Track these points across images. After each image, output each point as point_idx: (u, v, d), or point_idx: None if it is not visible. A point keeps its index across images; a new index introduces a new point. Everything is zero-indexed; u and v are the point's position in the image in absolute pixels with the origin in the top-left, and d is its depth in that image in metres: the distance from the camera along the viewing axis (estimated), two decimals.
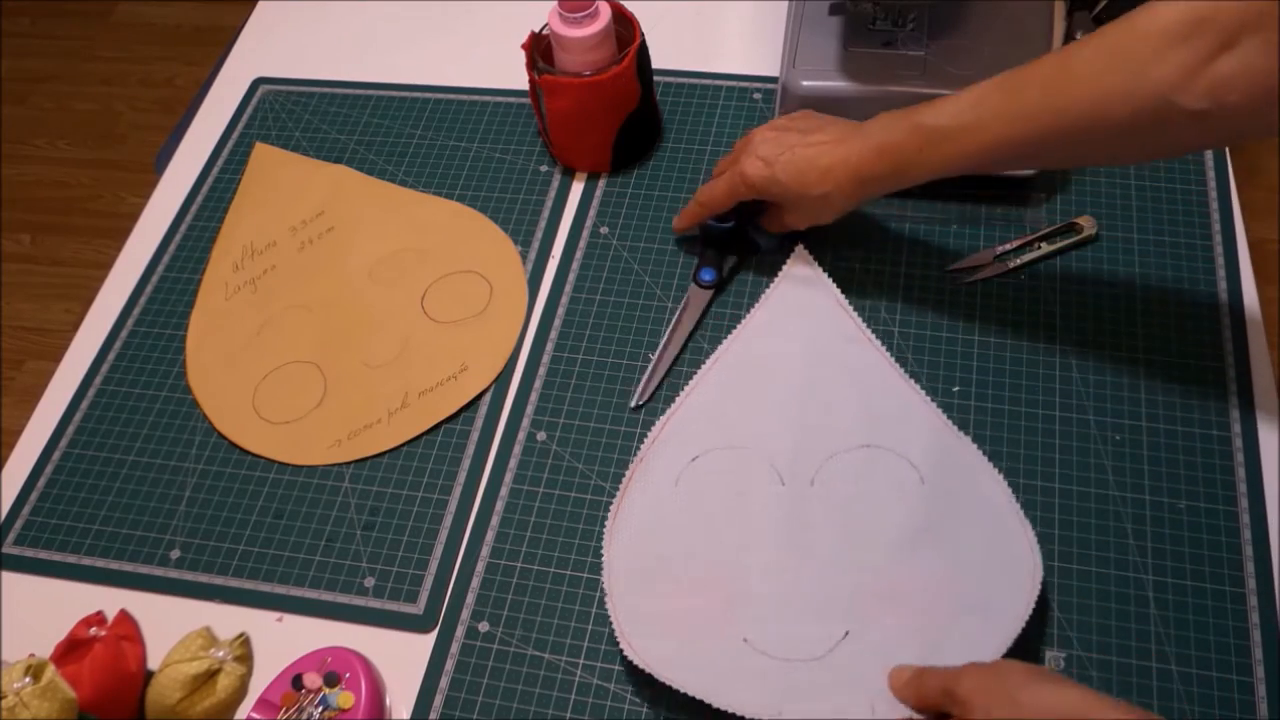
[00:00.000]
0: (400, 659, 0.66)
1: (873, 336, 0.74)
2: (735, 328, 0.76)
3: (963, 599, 0.62)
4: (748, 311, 0.77)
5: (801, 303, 0.77)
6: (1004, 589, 0.62)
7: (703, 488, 0.69)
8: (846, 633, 0.62)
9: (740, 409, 0.72)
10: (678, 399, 0.73)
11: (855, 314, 0.75)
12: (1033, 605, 0.61)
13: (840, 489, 0.67)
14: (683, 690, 0.60)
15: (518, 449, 0.74)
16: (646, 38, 0.83)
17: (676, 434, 0.71)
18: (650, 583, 0.65)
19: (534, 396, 0.76)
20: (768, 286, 0.78)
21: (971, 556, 0.64)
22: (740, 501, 0.68)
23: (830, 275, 0.78)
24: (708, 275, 0.78)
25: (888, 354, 0.73)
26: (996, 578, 0.63)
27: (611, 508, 0.69)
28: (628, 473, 0.70)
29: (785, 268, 0.79)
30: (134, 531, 0.73)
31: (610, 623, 0.64)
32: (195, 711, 0.64)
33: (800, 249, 0.79)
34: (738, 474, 0.69)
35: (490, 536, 0.70)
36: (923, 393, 0.71)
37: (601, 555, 0.67)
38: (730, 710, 0.59)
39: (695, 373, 0.74)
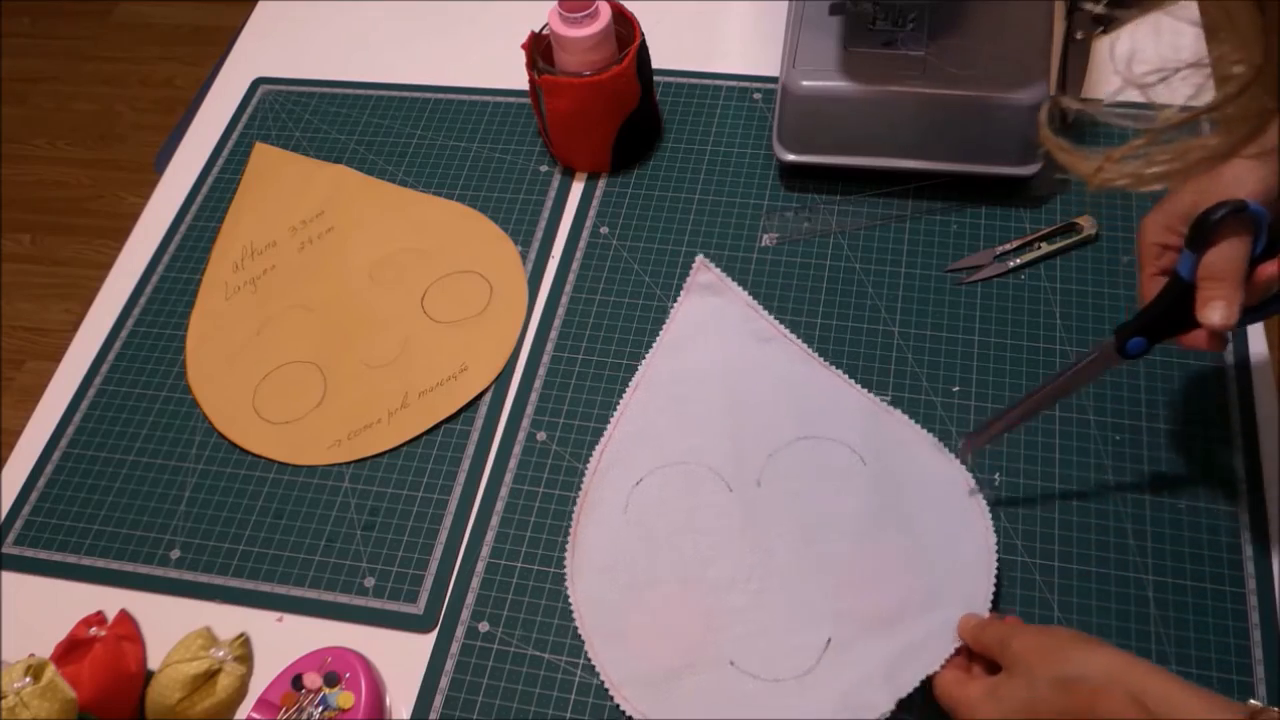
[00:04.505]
0: (400, 659, 0.66)
1: (787, 331, 0.75)
2: (650, 347, 0.76)
3: (932, 566, 0.64)
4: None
5: (710, 311, 0.77)
6: (966, 543, 0.64)
7: (653, 509, 0.69)
8: (829, 640, 0.62)
9: (672, 425, 0.72)
10: (607, 429, 0.73)
11: (766, 313, 0.76)
12: (994, 547, 0.64)
13: (787, 484, 0.68)
14: None
15: (518, 449, 0.74)
16: (646, 38, 0.83)
17: (615, 461, 0.71)
18: (625, 616, 0.65)
19: (534, 396, 0.76)
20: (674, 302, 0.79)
21: (927, 523, 0.65)
22: (693, 516, 0.68)
23: (830, 275, 0.78)
24: (1137, 345, 0.59)
25: (806, 346, 0.74)
26: (956, 534, 0.65)
27: (567, 549, 0.68)
28: (575, 512, 0.70)
29: (689, 279, 0.79)
30: (134, 531, 0.73)
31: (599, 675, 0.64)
32: (195, 711, 0.64)
33: (701, 258, 0.80)
34: (684, 489, 0.69)
35: (490, 536, 0.70)
36: (846, 377, 0.72)
37: (569, 597, 0.67)
38: None
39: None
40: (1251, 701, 0.55)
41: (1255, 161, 0.55)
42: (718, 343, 0.75)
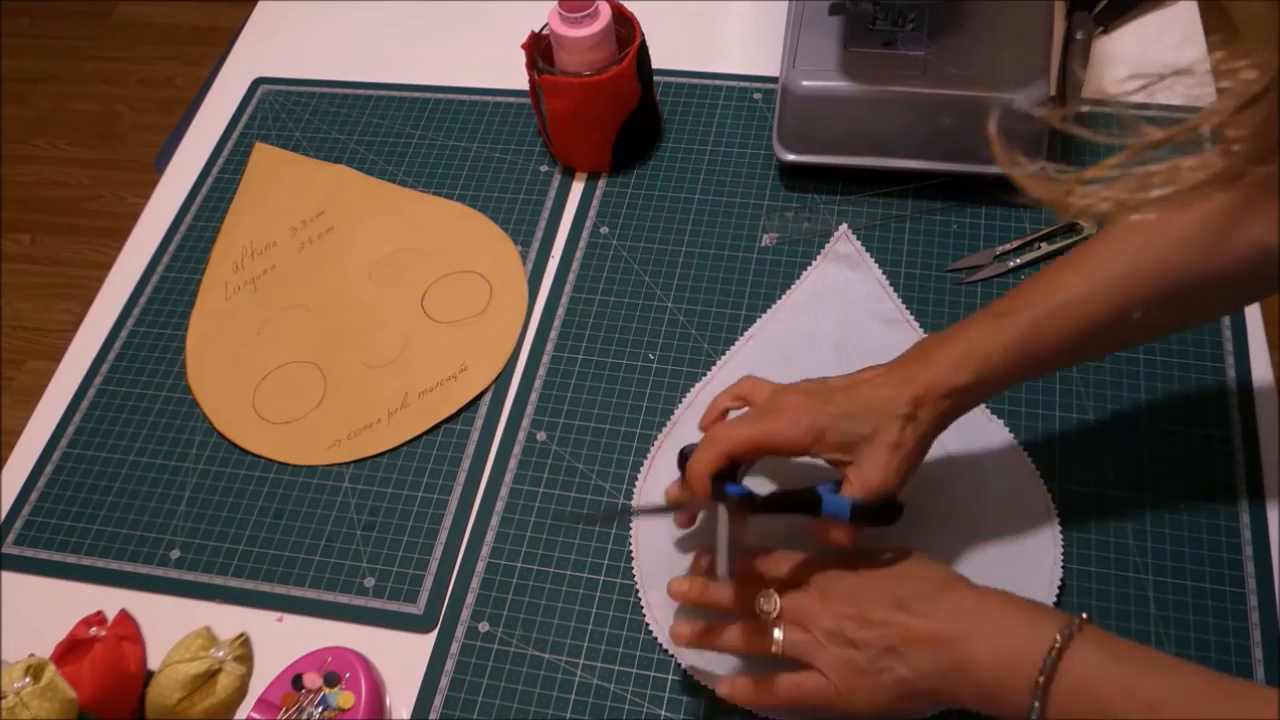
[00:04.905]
0: (400, 659, 0.66)
1: (912, 319, 0.75)
2: (773, 304, 0.77)
3: (985, 576, 0.62)
4: (788, 286, 0.78)
5: (841, 282, 0.78)
6: (1029, 569, 0.64)
7: None
8: None
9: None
10: (711, 370, 0.74)
11: (895, 295, 0.76)
12: (1057, 583, 0.63)
13: None
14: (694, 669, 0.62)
15: (518, 449, 0.74)
16: (646, 38, 0.83)
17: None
18: (678, 550, 0.66)
19: (534, 396, 0.76)
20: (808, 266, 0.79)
21: (998, 534, 0.65)
22: (773, 468, 0.68)
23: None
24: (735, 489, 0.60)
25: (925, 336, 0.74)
26: (1021, 553, 0.64)
27: (641, 470, 0.70)
28: (658, 438, 0.71)
29: (828, 246, 0.80)
30: (134, 531, 0.73)
31: (642, 619, 0.65)
32: (195, 711, 0.64)
33: (845, 228, 0.80)
34: None
35: (490, 536, 0.70)
36: None
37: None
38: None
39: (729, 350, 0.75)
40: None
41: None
42: (839, 315, 0.76)
